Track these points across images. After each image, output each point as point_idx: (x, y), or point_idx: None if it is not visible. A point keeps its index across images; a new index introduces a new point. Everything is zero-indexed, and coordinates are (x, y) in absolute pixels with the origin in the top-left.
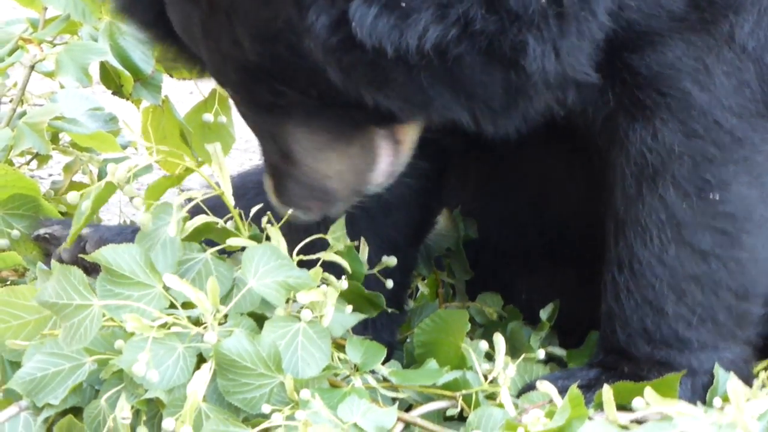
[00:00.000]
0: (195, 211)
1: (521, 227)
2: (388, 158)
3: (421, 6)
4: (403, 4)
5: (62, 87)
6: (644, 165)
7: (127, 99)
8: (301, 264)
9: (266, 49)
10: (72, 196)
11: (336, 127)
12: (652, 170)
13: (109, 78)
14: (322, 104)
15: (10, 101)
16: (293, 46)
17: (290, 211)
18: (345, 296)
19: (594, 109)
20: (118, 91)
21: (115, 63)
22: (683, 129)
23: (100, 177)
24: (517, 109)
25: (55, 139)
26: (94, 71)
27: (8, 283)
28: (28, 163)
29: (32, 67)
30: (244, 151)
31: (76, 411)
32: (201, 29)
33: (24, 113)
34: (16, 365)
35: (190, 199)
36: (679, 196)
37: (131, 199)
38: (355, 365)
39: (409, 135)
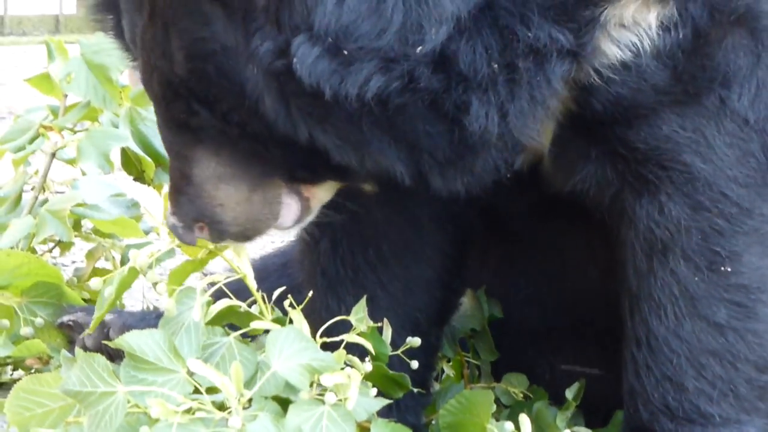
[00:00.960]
0: (218, 295)
1: (543, 306)
2: (291, 214)
3: (365, 56)
4: (346, 52)
5: (84, 174)
6: (653, 240)
7: (149, 184)
8: (325, 346)
9: (196, 67)
10: (95, 283)
11: (244, 164)
12: (661, 245)
13: (131, 164)
14: (240, 135)
15: (32, 189)
16: (224, 68)
17: (174, 225)
18: (369, 378)
19: (599, 186)
20: (139, 176)
21: (136, 149)
22: (689, 202)
23: (123, 263)
24: (463, 164)
25: (77, 225)
26: (116, 157)
27: (32, 371)
28: (50, 251)
29: (53, 155)
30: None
31: None
32: (140, 38)
33: (46, 201)
34: None
35: (213, 283)
36: (690, 270)
37: (154, 284)
38: None
39: (318, 195)
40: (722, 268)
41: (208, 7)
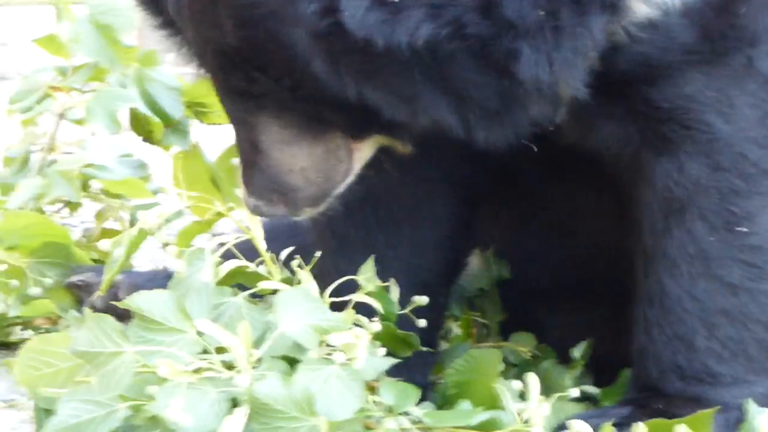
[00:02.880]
0: (227, 256)
1: (553, 266)
2: (346, 165)
3: (414, 3)
4: (395, 0)
5: (92, 134)
6: (671, 199)
7: (157, 145)
8: (333, 306)
9: (246, 34)
10: (104, 244)
11: (305, 124)
12: (678, 204)
13: (139, 124)
14: (294, 97)
15: (40, 149)
16: (274, 33)
17: (253, 203)
18: (378, 337)
19: (619, 144)
20: (147, 137)
21: (144, 109)
22: (708, 162)
23: (132, 223)
24: (511, 116)
25: (85, 186)
26: (124, 118)
27: (41, 331)
28: (59, 211)
29: (61, 115)
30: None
31: None
32: (188, 11)
33: (54, 161)
34: (50, 413)
35: (222, 244)
36: (706, 230)
37: (164, 245)
38: (388, 407)
39: (363, 151)
40: (738, 229)
41: None
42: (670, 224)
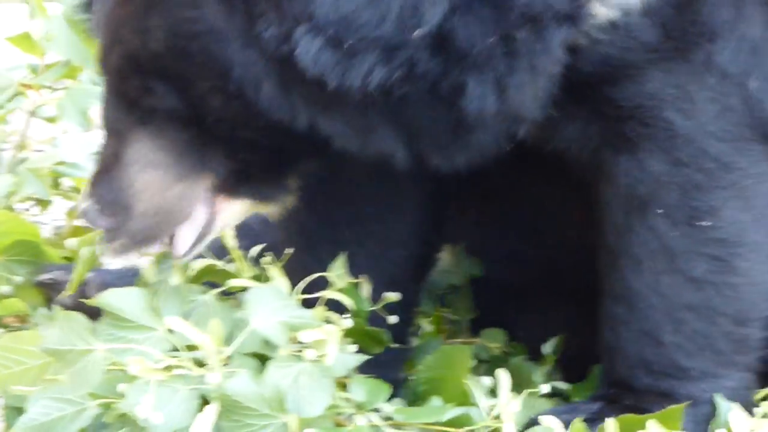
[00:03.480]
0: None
1: (522, 263)
2: (196, 218)
3: (366, 48)
4: (348, 44)
5: (64, 132)
6: (632, 196)
7: None
8: (304, 303)
9: (177, 44)
10: (71, 243)
11: (179, 157)
12: (640, 201)
13: None
14: (189, 123)
15: (11, 147)
16: (209, 49)
17: (87, 206)
18: (348, 334)
19: (580, 144)
20: None
21: None
22: (668, 158)
23: None
24: (462, 145)
25: (56, 184)
26: (96, 115)
27: (11, 329)
28: (29, 209)
29: (33, 113)
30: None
31: None
32: (109, 12)
33: (25, 159)
34: (19, 411)
35: None
36: (668, 225)
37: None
38: (359, 404)
39: (227, 212)
40: (700, 223)
41: None
42: (632, 221)
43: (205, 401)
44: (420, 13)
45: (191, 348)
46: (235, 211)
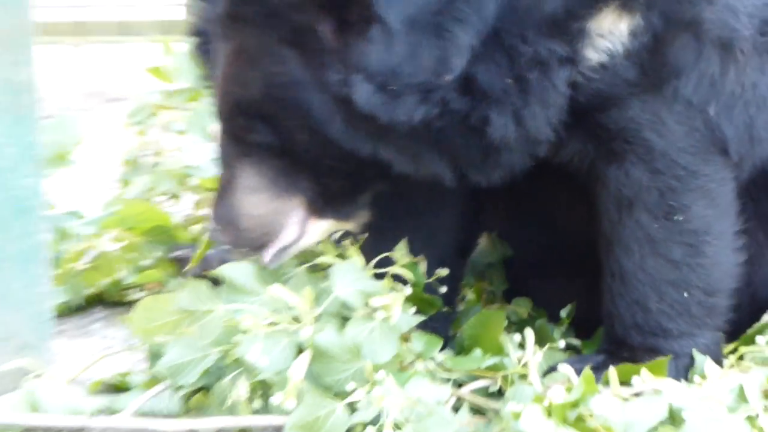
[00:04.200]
0: None
1: (542, 246)
2: (290, 231)
3: (409, 91)
4: (393, 89)
5: (190, 142)
6: (621, 197)
7: None
8: (375, 276)
9: (270, 93)
10: (195, 228)
11: (277, 181)
12: (627, 201)
13: None
14: (283, 154)
15: (150, 154)
16: (294, 96)
17: (212, 225)
18: (409, 300)
19: (579, 157)
20: None
21: None
22: (648, 168)
23: None
24: (494, 164)
25: (184, 182)
26: (213, 130)
27: (152, 293)
28: (164, 202)
29: (166, 127)
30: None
31: (206, 389)
32: (222, 65)
33: (160, 163)
34: (158, 356)
35: None
36: (650, 219)
37: None
38: (418, 353)
39: (314, 230)
40: (675, 218)
41: (285, 51)
42: (622, 216)
43: (299, 350)
44: (448, 62)
45: (289, 308)
46: (321, 228)
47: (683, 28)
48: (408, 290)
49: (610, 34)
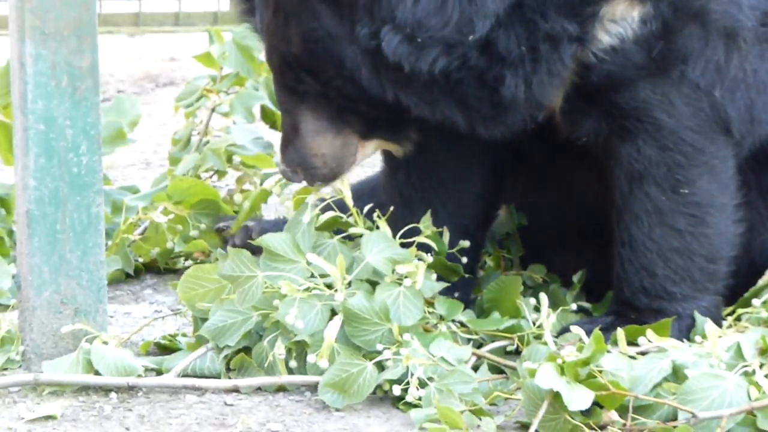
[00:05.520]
0: (327, 209)
1: (556, 217)
2: (353, 158)
3: (433, 43)
4: (419, 40)
5: (234, 123)
6: (633, 171)
7: (279, 131)
8: (402, 245)
9: (308, 47)
10: (237, 197)
11: (332, 121)
12: (638, 175)
13: (267, 116)
14: (330, 97)
15: (198, 134)
16: (328, 48)
17: (283, 169)
18: (433, 267)
19: (595, 134)
20: (273, 125)
21: (271, 106)
22: (658, 144)
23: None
24: (501, 118)
25: (229, 159)
26: (257, 112)
27: (198, 261)
28: (210, 177)
29: (213, 110)
30: (360, 166)
31: (247, 350)
32: (266, 25)
33: (207, 142)
34: (203, 320)
35: (322, 199)
36: (659, 192)
37: (282, 200)
38: (441, 316)
39: (367, 148)
40: (681, 190)
41: (318, 5)
42: (633, 189)
43: (333, 313)
44: (473, 23)
45: (323, 275)
46: (370, 148)
47: (691, 17)
48: (430, 258)
49: (622, 20)
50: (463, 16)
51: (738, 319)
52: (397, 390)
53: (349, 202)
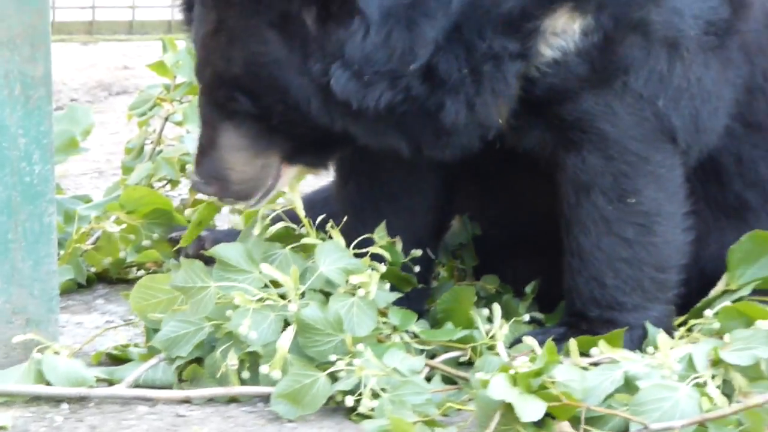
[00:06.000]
0: (278, 220)
1: (508, 227)
2: (272, 181)
3: (379, 79)
4: (366, 77)
5: (188, 132)
6: (579, 182)
7: None
8: (356, 256)
9: (251, 70)
10: (187, 212)
11: (256, 141)
12: (584, 185)
13: None
14: (260, 120)
15: (151, 142)
16: (273, 74)
17: (196, 180)
18: (386, 277)
19: (541, 145)
20: None
21: None
22: (603, 155)
23: None
24: (445, 143)
25: (183, 169)
26: None
27: (150, 271)
28: (163, 187)
29: (166, 119)
30: (314, 177)
31: (199, 361)
32: (201, 39)
33: (161, 151)
34: (155, 330)
35: (273, 210)
36: (606, 202)
37: (235, 211)
38: (394, 326)
39: (287, 174)
40: (628, 200)
41: (269, 33)
42: (580, 199)
43: (286, 324)
44: (415, 52)
45: (276, 285)
46: (292, 174)
47: (632, 28)
48: (383, 268)
49: (564, 33)
50: (405, 46)
51: (690, 329)
52: (350, 401)
53: (301, 212)
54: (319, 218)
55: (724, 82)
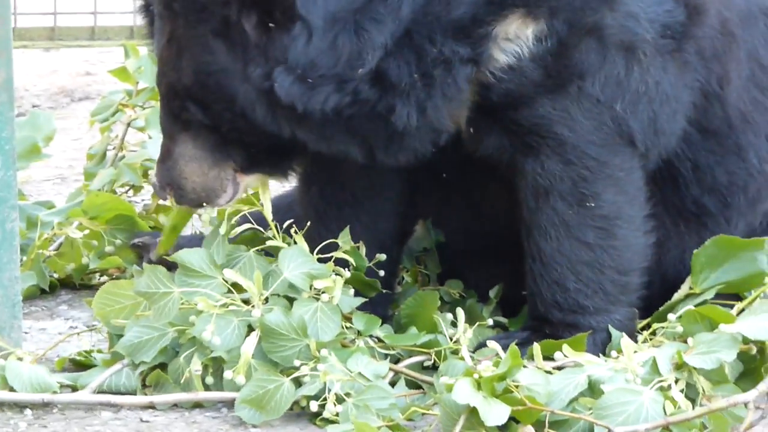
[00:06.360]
0: (245, 222)
1: (471, 232)
2: (228, 194)
3: (325, 82)
4: (311, 80)
5: (150, 137)
6: (538, 186)
7: None
8: (320, 260)
9: (199, 79)
10: (162, 219)
11: (209, 151)
12: (543, 190)
13: None
14: (214, 131)
15: (114, 148)
16: (221, 83)
17: (155, 183)
18: (351, 282)
19: (499, 150)
20: None
21: None
22: (561, 159)
23: None
24: (397, 147)
25: (145, 174)
26: None
27: (113, 277)
28: (126, 192)
29: (128, 124)
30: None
31: (163, 366)
32: (159, 51)
33: (123, 156)
34: (119, 336)
35: (239, 211)
36: (565, 206)
37: (200, 215)
38: (358, 331)
39: (246, 182)
40: (588, 204)
41: (213, 42)
42: (540, 204)
43: (250, 329)
44: (363, 57)
45: (240, 290)
46: (250, 182)
47: (586, 33)
48: (347, 273)
49: (517, 38)
50: (353, 51)
51: (653, 333)
52: (314, 406)
53: (269, 216)
54: (287, 223)
55: (682, 86)
